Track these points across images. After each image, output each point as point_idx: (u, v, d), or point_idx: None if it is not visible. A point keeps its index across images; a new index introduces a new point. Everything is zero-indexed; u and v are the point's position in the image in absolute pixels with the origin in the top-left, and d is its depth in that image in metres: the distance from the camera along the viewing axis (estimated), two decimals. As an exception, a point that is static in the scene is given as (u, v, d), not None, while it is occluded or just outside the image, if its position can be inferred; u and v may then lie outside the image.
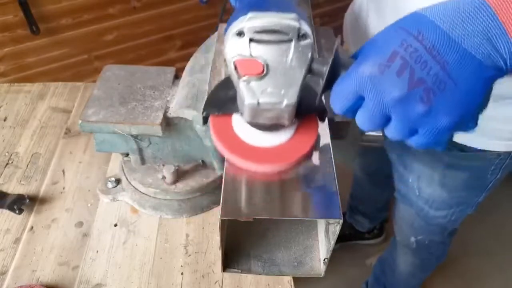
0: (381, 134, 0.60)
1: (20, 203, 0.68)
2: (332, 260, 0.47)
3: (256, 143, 0.46)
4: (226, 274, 0.63)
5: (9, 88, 0.92)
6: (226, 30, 0.38)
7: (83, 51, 1.57)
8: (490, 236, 1.64)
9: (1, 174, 0.75)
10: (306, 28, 0.37)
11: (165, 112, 0.59)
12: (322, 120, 0.49)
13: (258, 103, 0.40)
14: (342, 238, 1.53)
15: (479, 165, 0.76)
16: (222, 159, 0.48)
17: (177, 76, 0.65)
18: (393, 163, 0.91)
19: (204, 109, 0.48)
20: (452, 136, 0.36)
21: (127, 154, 0.68)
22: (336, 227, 0.43)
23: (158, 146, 0.65)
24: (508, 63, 0.32)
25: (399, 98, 0.32)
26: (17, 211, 0.67)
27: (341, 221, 0.41)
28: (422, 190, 0.85)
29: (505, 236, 1.64)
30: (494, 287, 1.52)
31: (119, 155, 0.71)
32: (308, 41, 0.37)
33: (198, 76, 0.60)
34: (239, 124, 0.46)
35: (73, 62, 1.57)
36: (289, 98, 0.40)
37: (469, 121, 0.34)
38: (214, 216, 0.70)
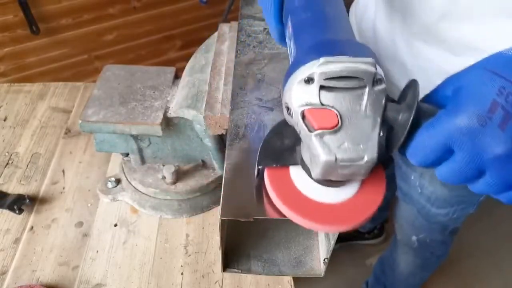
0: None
1: (20, 203, 0.68)
2: (332, 260, 0.47)
3: (321, 199, 0.40)
4: (226, 274, 0.63)
5: (9, 88, 0.92)
6: (288, 75, 0.34)
7: (83, 51, 1.57)
8: (490, 236, 1.64)
9: (1, 174, 0.75)
10: (381, 72, 0.33)
11: (165, 112, 0.59)
12: (386, 167, 0.44)
13: (336, 160, 0.34)
14: (342, 238, 1.53)
15: None
16: (222, 159, 0.47)
17: (177, 76, 0.65)
18: (396, 161, 0.91)
19: (260, 162, 0.42)
20: None
21: (127, 154, 0.68)
22: (336, 227, 0.43)
23: (158, 146, 0.65)
24: None
25: (503, 154, 0.29)
26: (17, 211, 0.67)
27: (341, 221, 0.41)
28: (424, 187, 0.85)
29: (505, 236, 1.64)
30: (494, 287, 1.52)
31: (119, 155, 0.71)
32: (383, 86, 0.33)
33: (198, 76, 0.60)
34: (300, 177, 0.41)
35: (73, 62, 1.57)
36: (369, 153, 0.34)
37: None
38: (214, 216, 0.70)
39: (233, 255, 0.51)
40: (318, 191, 0.40)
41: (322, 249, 0.51)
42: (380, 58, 0.64)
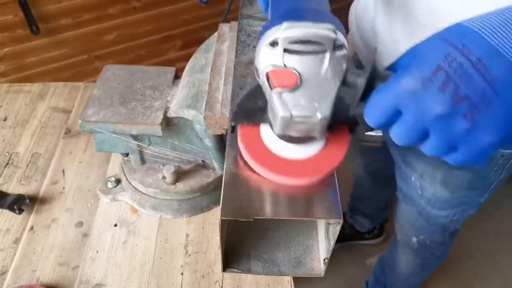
0: (381, 134, 0.61)
1: (20, 203, 0.68)
2: (332, 260, 0.47)
3: (285, 154, 0.44)
4: (226, 274, 0.63)
5: (9, 88, 0.92)
6: (259, 38, 0.37)
7: (83, 51, 1.57)
8: (490, 236, 1.64)
9: (1, 174, 0.75)
10: (342, 38, 0.35)
11: (165, 112, 0.59)
12: (353, 132, 0.47)
13: (291, 116, 0.38)
14: (342, 238, 1.53)
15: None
16: (222, 159, 0.47)
17: (177, 76, 0.65)
18: (396, 162, 0.91)
19: (233, 119, 0.46)
20: (493, 154, 0.35)
21: (127, 154, 0.68)
22: (336, 227, 0.43)
23: (158, 146, 0.65)
24: None
25: (442, 115, 0.31)
26: (17, 211, 0.67)
27: (341, 221, 0.41)
28: (425, 189, 0.85)
29: (505, 236, 1.64)
30: (494, 287, 1.52)
31: (119, 155, 0.71)
32: (344, 52, 0.36)
33: (198, 76, 0.60)
34: (268, 135, 0.45)
35: (73, 62, 1.57)
36: (322, 111, 0.38)
37: None
38: (214, 216, 0.70)
39: (233, 255, 0.51)
40: (284, 148, 0.44)
41: (322, 249, 0.51)
42: (380, 58, 0.64)
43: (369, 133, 0.60)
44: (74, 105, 0.88)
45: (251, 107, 0.45)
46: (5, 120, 0.85)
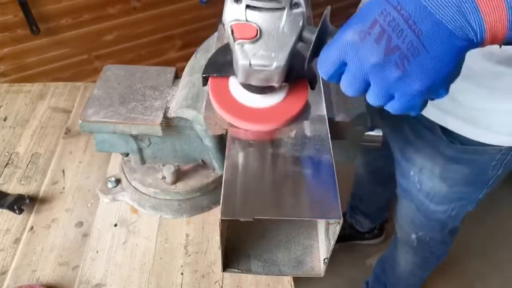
0: (381, 134, 0.60)
1: (20, 203, 0.68)
2: (332, 260, 0.47)
3: (250, 103, 0.49)
4: (226, 274, 0.63)
5: (9, 88, 0.92)
6: None
7: (83, 51, 1.57)
8: (490, 236, 1.64)
9: (1, 174, 0.75)
10: None
11: (165, 112, 0.59)
12: (313, 87, 0.51)
13: (250, 64, 0.43)
14: (342, 238, 1.53)
15: (480, 159, 0.76)
16: (222, 159, 0.48)
17: (177, 76, 0.65)
18: (396, 157, 0.92)
19: (204, 71, 0.51)
20: (426, 102, 0.39)
21: (127, 154, 0.68)
22: (336, 227, 0.43)
23: (158, 146, 0.65)
24: (478, 36, 0.34)
25: (377, 64, 0.35)
26: (17, 211, 0.67)
27: (341, 221, 0.41)
28: (423, 183, 0.86)
29: (505, 236, 1.64)
30: (494, 287, 1.52)
31: (119, 155, 0.71)
32: (300, 10, 0.41)
33: (198, 76, 0.60)
34: (236, 86, 0.50)
35: (73, 62, 1.57)
36: (278, 61, 0.43)
37: (440, 88, 0.37)
38: (214, 216, 0.70)
39: (233, 255, 0.51)
40: (249, 98, 0.49)
41: (322, 249, 0.51)
42: None
43: (369, 133, 0.60)
44: (74, 105, 0.88)
45: (221, 61, 0.50)
46: (5, 120, 0.85)
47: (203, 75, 0.51)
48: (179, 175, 0.67)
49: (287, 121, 0.49)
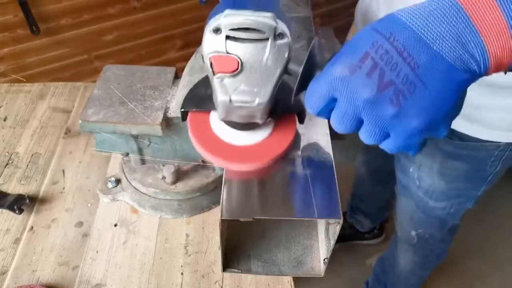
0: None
1: (20, 203, 0.68)
2: (332, 260, 0.47)
3: (232, 141, 0.46)
4: (226, 274, 0.63)
5: (9, 88, 0.92)
6: (206, 24, 0.39)
7: (83, 51, 1.57)
8: (490, 236, 1.64)
9: (1, 174, 0.75)
10: (283, 27, 0.37)
11: (165, 112, 0.59)
12: (301, 121, 0.48)
13: (230, 100, 0.40)
14: (342, 238, 1.53)
15: (478, 155, 0.76)
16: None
17: (177, 76, 0.65)
18: (395, 154, 0.92)
19: (183, 105, 0.48)
20: (425, 141, 0.36)
21: (127, 154, 0.68)
22: (336, 227, 0.43)
23: (158, 146, 0.65)
24: (482, 67, 0.32)
25: (369, 100, 0.32)
26: (17, 211, 0.67)
27: (341, 221, 0.41)
28: (422, 180, 0.86)
29: (504, 236, 1.64)
30: (494, 287, 1.52)
31: (119, 155, 0.71)
32: (285, 40, 0.37)
33: (198, 76, 0.60)
34: (217, 121, 0.47)
35: (73, 62, 1.57)
36: (261, 97, 0.40)
37: (440, 125, 0.34)
38: (214, 216, 0.70)
39: (233, 255, 0.51)
40: (231, 134, 0.45)
41: (322, 249, 0.51)
42: None
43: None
44: (74, 105, 0.88)
45: (201, 94, 0.47)
46: (5, 120, 0.85)
47: (181, 110, 0.48)
48: (179, 175, 0.67)
49: (273, 160, 0.46)
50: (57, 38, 1.48)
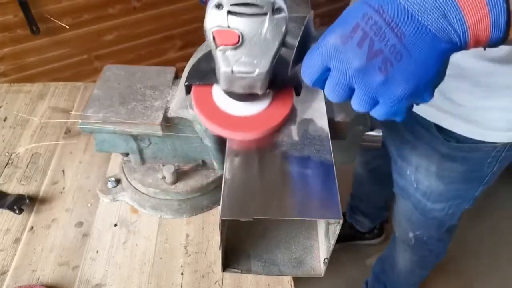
0: (381, 134, 0.60)
1: (20, 203, 0.68)
2: (332, 260, 0.47)
3: (233, 112, 0.48)
4: (226, 274, 0.63)
5: (9, 88, 0.92)
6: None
7: (83, 51, 1.57)
8: (489, 235, 1.64)
9: (1, 174, 0.75)
10: (280, 2, 0.39)
11: (165, 112, 0.59)
12: (298, 94, 0.51)
13: (232, 71, 0.42)
14: (342, 238, 1.53)
15: (475, 157, 0.76)
16: (222, 159, 0.48)
17: (177, 76, 0.65)
18: (392, 156, 0.92)
19: (187, 79, 0.50)
20: (411, 106, 0.38)
21: (127, 154, 0.68)
22: (336, 227, 0.43)
23: (158, 146, 0.65)
24: (462, 39, 0.34)
25: (360, 68, 0.34)
26: (17, 211, 0.67)
27: (341, 221, 0.41)
28: (420, 182, 0.86)
29: (504, 236, 1.64)
30: (494, 286, 1.52)
31: (119, 155, 0.71)
32: (283, 15, 0.40)
33: (198, 76, 0.60)
34: (219, 94, 0.49)
35: (73, 62, 1.57)
36: (261, 68, 0.42)
37: (424, 92, 0.36)
38: (214, 216, 0.70)
39: (233, 255, 0.51)
40: (232, 106, 0.48)
41: (322, 249, 0.51)
42: None
43: (369, 133, 0.60)
44: (74, 105, 0.88)
45: (204, 69, 0.49)
46: (5, 120, 0.85)
47: (186, 84, 0.50)
48: (179, 175, 0.67)
49: (271, 129, 0.48)
50: (57, 38, 1.48)
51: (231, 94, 0.47)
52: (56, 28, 1.46)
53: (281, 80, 0.47)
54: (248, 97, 0.46)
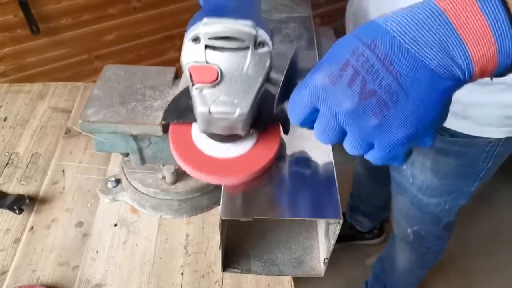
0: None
1: (20, 203, 0.68)
2: (332, 260, 0.47)
3: (214, 153, 0.44)
4: (226, 274, 0.63)
5: (9, 88, 0.92)
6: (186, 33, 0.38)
7: (83, 51, 1.57)
8: (489, 235, 1.64)
9: (1, 174, 0.75)
10: (263, 35, 0.36)
11: (165, 112, 0.59)
12: (286, 132, 0.46)
13: (210, 112, 0.38)
14: (342, 238, 1.54)
15: (470, 152, 0.77)
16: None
17: (177, 76, 0.65)
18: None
19: (164, 117, 0.47)
20: (410, 152, 0.35)
21: (127, 154, 0.68)
22: (336, 227, 0.43)
23: (158, 146, 0.65)
24: (466, 73, 0.30)
25: (351, 110, 0.31)
26: (17, 211, 0.67)
27: (341, 221, 0.41)
28: (416, 177, 0.87)
29: (504, 236, 1.64)
30: (493, 286, 1.52)
31: (119, 155, 0.71)
32: (266, 49, 0.36)
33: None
34: (199, 133, 0.45)
35: (73, 62, 1.57)
36: (242, 108, 0.38)
37: (424, 135, 0.32)
38: (214, 216, 0.70)
39: (233, 255, 0.51)
40: (213, 147, 0.44)
41: (322, 249, 0.51)
42: None
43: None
44: (74, 105, 0.88)
45: (183, 106, 0.46)
46: (5, 120, 0.85)
47: (162, 123, 0.46)
48: (179, 175, 0.67)
49: (254, 174, 0.44)
50: (57, 38, 1.48)
51: (211, 135, 0.43)
52: (56, 28, 1.46)
53: (267, 118, 0.43)
54: (229, 138, 0.43)
